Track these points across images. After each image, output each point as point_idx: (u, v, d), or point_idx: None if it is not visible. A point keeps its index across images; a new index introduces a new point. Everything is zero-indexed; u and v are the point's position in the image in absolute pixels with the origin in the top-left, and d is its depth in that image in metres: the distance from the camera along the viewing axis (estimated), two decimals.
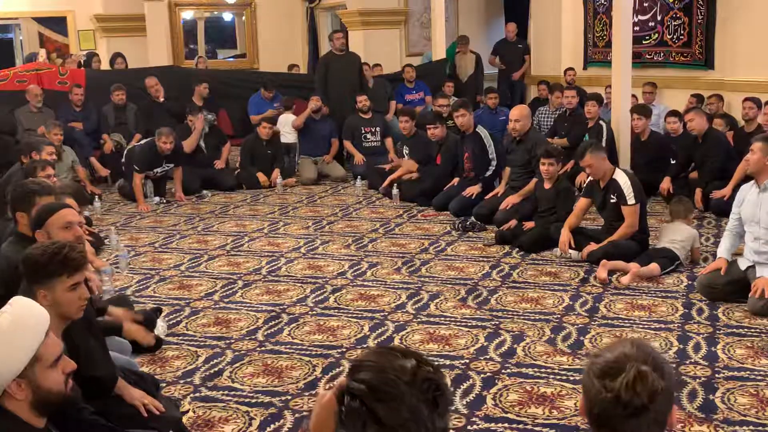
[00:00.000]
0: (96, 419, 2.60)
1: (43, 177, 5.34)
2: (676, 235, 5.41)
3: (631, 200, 5.39)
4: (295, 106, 9.94)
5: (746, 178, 5.12)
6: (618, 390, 1.57)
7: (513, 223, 6.21)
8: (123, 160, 8.54)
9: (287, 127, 9.43)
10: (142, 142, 8.35)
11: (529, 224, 6.15)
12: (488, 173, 7.28)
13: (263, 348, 4.17)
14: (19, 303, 2.17)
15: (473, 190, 7.16)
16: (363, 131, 9.24)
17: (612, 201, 5.52)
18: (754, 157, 4.59)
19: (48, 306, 2.48)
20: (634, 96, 8.58)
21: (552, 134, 8.69)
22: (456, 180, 7.48)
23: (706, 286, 4.74)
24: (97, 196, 7.93)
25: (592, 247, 5.41)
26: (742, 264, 4.70)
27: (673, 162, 7.39)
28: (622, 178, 5.45)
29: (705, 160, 6.98)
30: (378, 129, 9.30)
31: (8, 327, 2.05)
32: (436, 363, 1.54)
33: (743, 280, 4.62)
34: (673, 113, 7.66)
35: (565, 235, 5.60)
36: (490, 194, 6.99)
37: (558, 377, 3.69)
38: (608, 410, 1.58)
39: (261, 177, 8.69)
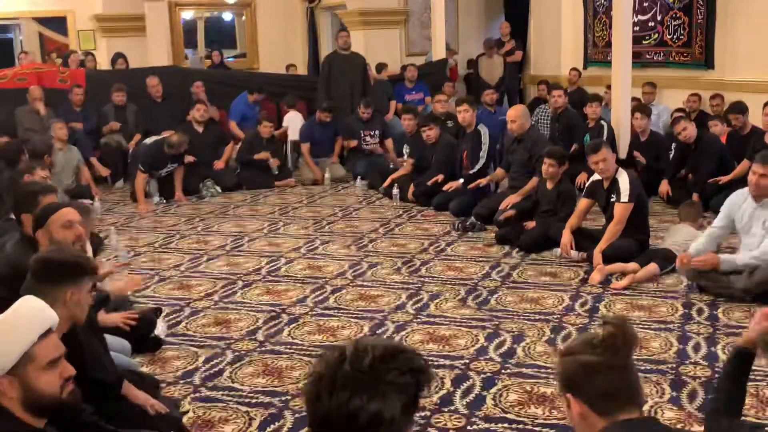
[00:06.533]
0: (95, 420, 2.60)
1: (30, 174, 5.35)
2: (679, 236, 5.40)
3: (625, 198, 5.35)
4: (296, 105, 9.95)
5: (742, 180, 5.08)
6: None
7: (510, 210, 6.31)
8: (129, 159, 8.54)
9: (293, 126, 9.44)
10: (150, 140, 8.31)
11: (530, 224, 6.15)
12: (472, 171, 7.30)
13: (263, 348, 4.17)
14: (24, 302, 2.16)
15: (454, 185, 7.26)
16: (362, 134, 9.19)
17: (612, 200, 5.51)
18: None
19: (72, 306, 2.59)
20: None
21: (551, 139, 8.50)
22: (450, 184, 7.45)
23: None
24: (97, 197, 7.92)
25: (599, 257, 5.26)
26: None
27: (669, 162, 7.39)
28: (623, 177, 5.43)
29: (698, 166, 6.97)
30: (377, 131, 9.25)
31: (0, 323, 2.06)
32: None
33: None
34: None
35: (566, 237, 5.58)
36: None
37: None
38: None
39: (263, 155, 8.65)
